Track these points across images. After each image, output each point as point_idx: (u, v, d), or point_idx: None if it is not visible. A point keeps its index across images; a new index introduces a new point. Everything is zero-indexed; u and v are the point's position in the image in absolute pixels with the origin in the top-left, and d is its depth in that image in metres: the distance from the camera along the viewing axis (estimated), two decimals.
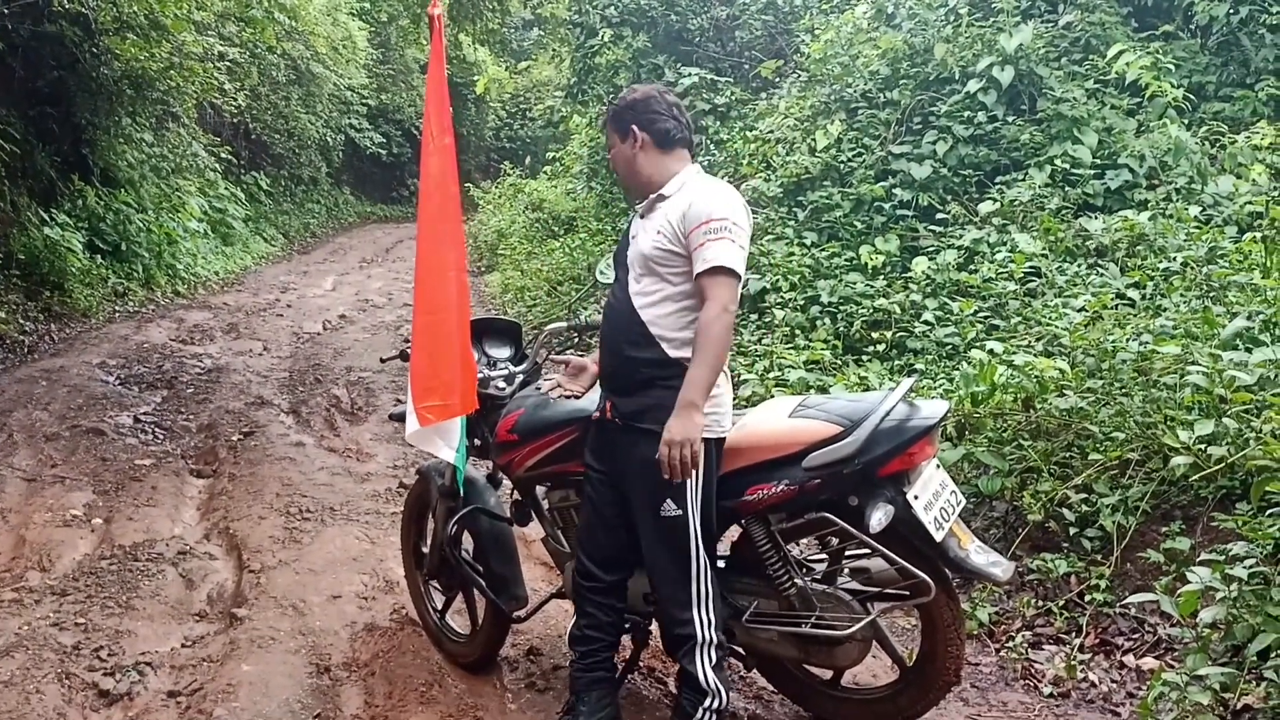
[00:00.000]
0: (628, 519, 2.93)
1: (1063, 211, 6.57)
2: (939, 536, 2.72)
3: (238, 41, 13.02)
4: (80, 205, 10.95)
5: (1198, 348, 4.11)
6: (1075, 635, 3.71)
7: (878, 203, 7.45)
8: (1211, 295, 4.87)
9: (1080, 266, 5.98)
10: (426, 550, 3.74)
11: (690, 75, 10.83)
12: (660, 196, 2.87)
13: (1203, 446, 3.62)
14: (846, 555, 2.97)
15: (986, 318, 5.83)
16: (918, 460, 2.75)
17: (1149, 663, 3.51)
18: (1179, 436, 3.67)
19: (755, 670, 3.29)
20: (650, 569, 2.92)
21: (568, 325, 3.67)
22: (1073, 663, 3.53)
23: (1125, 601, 3.63)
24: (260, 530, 4.81)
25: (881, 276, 6.80)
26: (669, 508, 2.78)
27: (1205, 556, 3.23)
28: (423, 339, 3.26)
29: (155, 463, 5.89)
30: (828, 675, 3.16)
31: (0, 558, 4.54)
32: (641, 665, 3.49)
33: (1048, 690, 3.48)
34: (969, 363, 5.14)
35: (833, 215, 7.54)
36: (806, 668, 3.15)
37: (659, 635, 3.08)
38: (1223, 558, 3.15)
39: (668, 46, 11.83)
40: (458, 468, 3.37)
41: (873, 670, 3.44)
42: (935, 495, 2.77)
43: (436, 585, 3.74)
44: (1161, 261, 5.53)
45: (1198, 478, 3.69)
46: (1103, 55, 7.42)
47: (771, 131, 8.99)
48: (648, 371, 2.80)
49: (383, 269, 15.38)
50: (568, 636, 3.16)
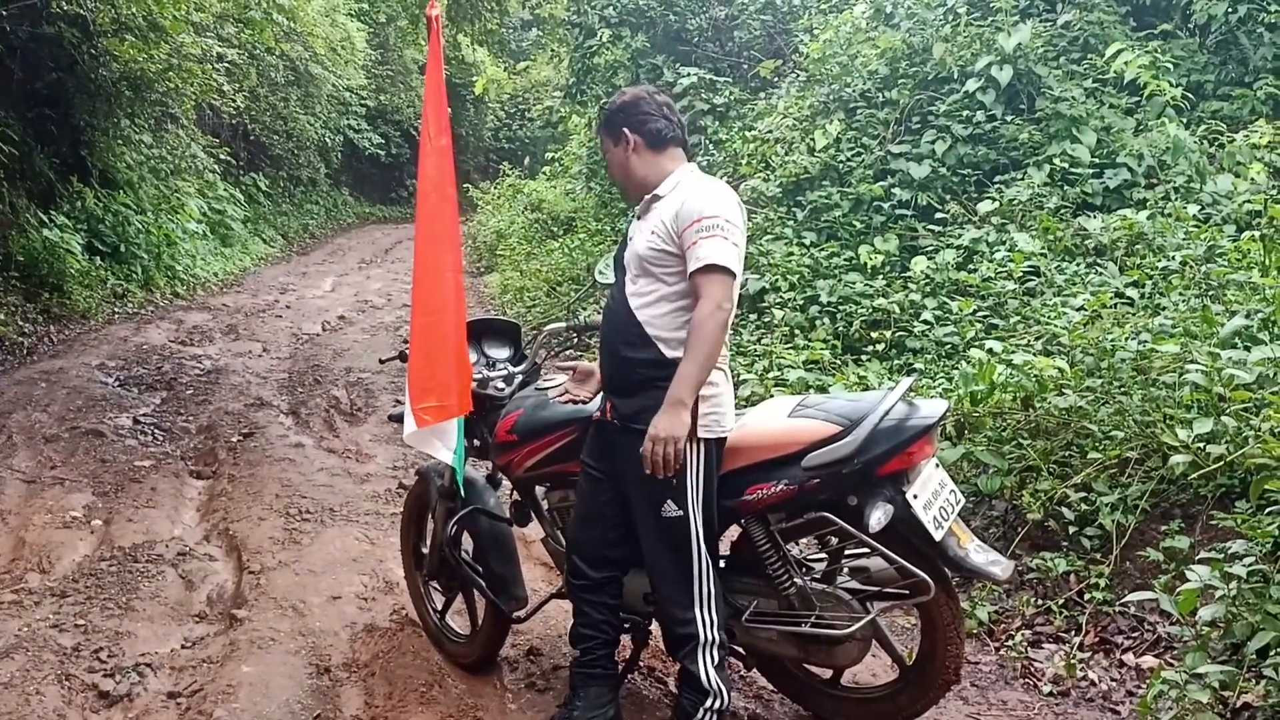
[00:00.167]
0: (620, 518, 2.94)
1: (1061, 211, 6.58)
2: (938, 535, 2.72)
3: (236, 43, 13.03)
4: (79, 207, 10.95)
5: (1196, 346, 4.11)
6: (1075, 634, 3.71)
7: (877, 202, 7.46)
8: (1210, 294, 4.87)
9: (1079, 265, 5.98)
10: (426, 551, 3.74)
11: (689, 75, 10.83)
12: (655, 197, 2.87)
13: (1202, 445, 3.62)
14: (846, 554, 2.97)
15: (985, 317, 5.83)
16: (917, 459, 2.75)
17: (1148, 661, 3.51)
18: (1178, 435, 3.67)
19: (755, 670, 3.29)
20: (651, 569, 2.92)
21: (567, 326, 3.67)
22: (1072, 661, 3.53)
23: (1125, 600, 3.63)
24: (260, 531, 4.81)
25: (880, 276, 6.80)
26: (670, 508, 2.78)
27: (1204, 555, 3.23)
28: (420, 340, 3.26)
29: (155, 464, 5.89)
30: (827, 674, 3.16)
31: (0, 559, 4.54)
32: (641, 665, 3.49)
33: (1047, 689, 3.48)
34: (968, 362, 5.14)
35: (832, 215, 7.54)
36: (806, 667, 3.15)
37: (659, 635, 3.08)
38: (1222, 556, 3.15)
39: (666, 47, 11.83)
40: (456, 469, 3.37)
41: (872, 669, 3.44)
42: (934, 494, 2.77)
43: (436, 586, 3.74)
44: (1160, 260, 5.54)
45: (1197, 476, 3.69)
46: (1101, 54, 7.43)
47: (770, 131, 9.00)
48: (645, 372, 2.80)
49: (382, 270, 15.37)
50: (569, 635, 3.17)
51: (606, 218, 12.02)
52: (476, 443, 3.54)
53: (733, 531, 3.06)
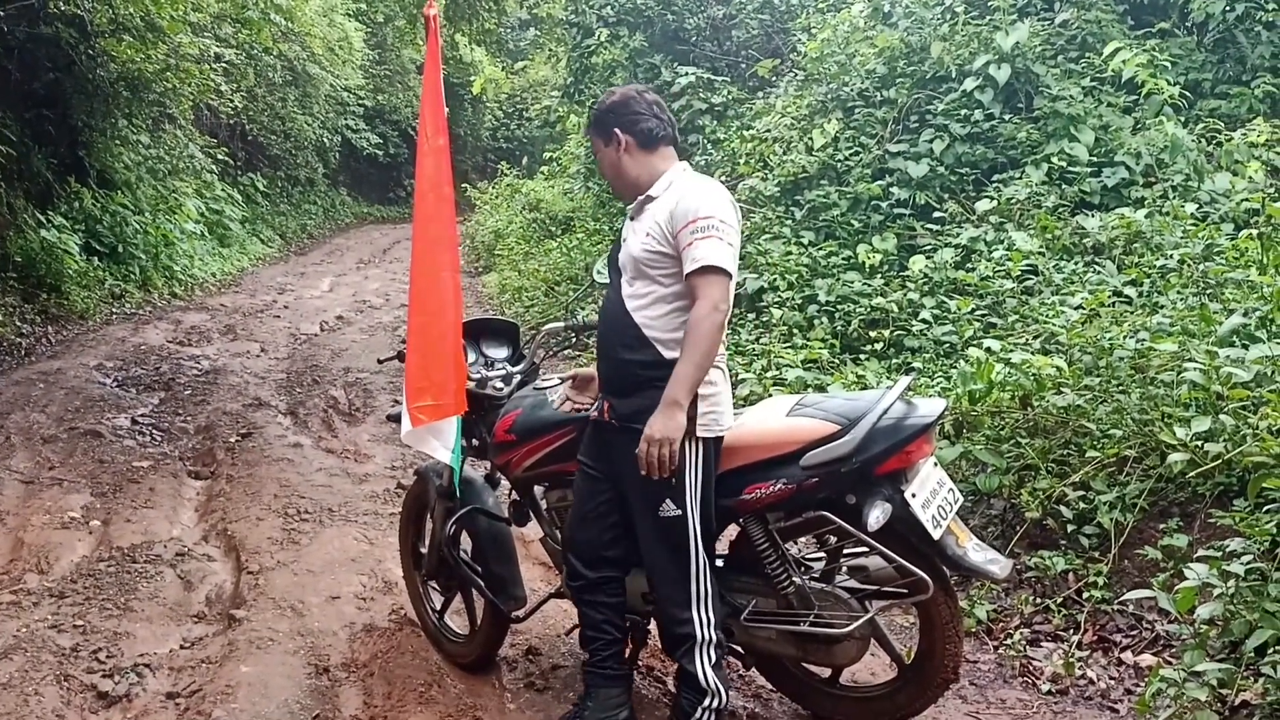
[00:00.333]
0: (617, 517, 2.94)
1: (1060, 209, 6.58)
2: (937, 534, 2.72)
3: (234, 43, 13.03)
4: (77, 207, 10.94)
5: (1195, 345, 4.12)
6: (1073, 632, 3.71)
7: (875, 201, 7.46)
8: (1208, 292, 4.88)
9: (1077, 264, 5.98)
10: (425, 551, 3.74)
11: (687, 75, 10.83)
12: (649, 198, 2.87)
13: (1200, 443, 3.62)
14: (844, 553, 2.97)
15: (984, 316, 5.84)
16: (915, 458, 2.75)
17: (1147, 659, 3.51)
18: (1176, 433, 3.68)
19: (754, 669, 3.29)
20: (649, 569, 2.92)
21: (565, 325, 3.67)
22: (1071, 660, 3.53)
23: (1123, 598, 3.63)
24: (258, 531, 4.81)
25: (879, 275, 6.80)
26: (668, 508, 2.78)
27: (1203, 553, 3.24)
28: (416, 340, 3.26)
29: (153, 464, 5.89)
30: (826, 673, 3.16)
31: None
32: (641, 665, 3.49)
33: (1046, 687, 3.48)
34: (966, 361, 5.14)
35: (830, 214, 7.55)
36: (805, 666, 3.15)
37: (658, 635, 3.08)
38: (1220, 554, 3.15)
39: (664, 46, 11.83)
40: (454, 468, 3.37)
41: (871, 668, 3.44)
42: (933, 493, 2.77)
43: (435, 586, 3.74)
44: (1158, 259, 5.54)
45: (1195, 474, 3.70)
46: (1099, 53, 7.43)
47: (768, 131, 8.99)
48: (643, 373, 2.80)
49: (380, 270, 15.37)
50: (578, 637, 3.18)
51: (605, 217, 12.01)
52: (475, 442, 3.55)
53: (731, 531, 3.06)
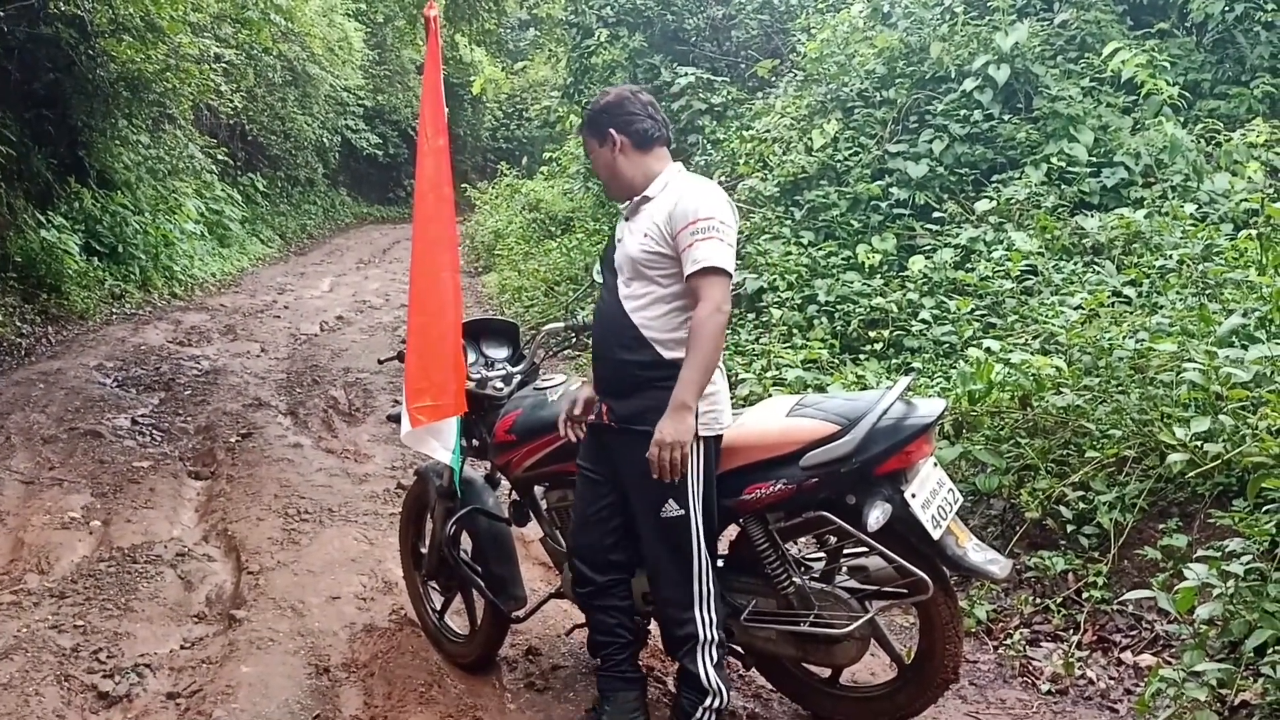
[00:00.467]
0: (620, 519, 2.93)
1: (1059, 210, 6.59)
2: (936, 534, 2.72)
3: (234, 43, 13.03)
4: (77, 207, 10.94)
5: (1194, 345, 4.12)
6: (1073, 632, 3.72)
7: (874, 201, 7.46)
8: (1207, 293, 4.88)
9: (1076, 264, 5.99)
10: (425, 551, 3.74)
11: (686, 75, 10.83)
12: (645, 198, 2.86)
13: (1199, 443, 3.62)
14: (844, 554, 2.97)
15: (983, 316, 5.84)
16: (915, 459, 2.75)
17: (1146, 659, 3.51)
18: (1175, 434, 3.68)
19: (754, 669, 3.29)
20: (652, 569, 2.92)
21: (565, 325, 3.67)
22: (1071, 660, 3.54)
23: (1123, 598, 3.63)
24: (259, 532, 4.81)
25: (878, 275, 6.80)
26: (671, 508, 2.78)
27: (1202, 553, 3.24)
28: (416, 340, 3.26)
29: (153, 465, 5.89)
30: (826, 673, 3.16)
31: None
32: (641, 665, 3.49)
33: (1046, 687, 3.48)
34: (966, 361, 5.14)
35: (829, 214, 7.55)
36: (805, 666, 3.16)
37: (659, 635, 3.08)
38: (1220, 554, 3.15)
39: (664, 46, 11.82)
40: (454, 468, 3.37)
41: (871, 668, 3.44)
42: (933, 493, 2.77)
43: (435, 586, 3.74)
44: (1158, 259, 5.54)
45: (1194, 474, 3.70)
46: (1098, 53, 7.44)
47: (768, 131, 8.99)
48: (642, 374, 2.80)
49: (380, 270, 15.37)
50: (586, 645, 3.17)
51: (604, 217, 12.01)
52: (475, 443, 3.55)
53: (731, 531, 3.06)
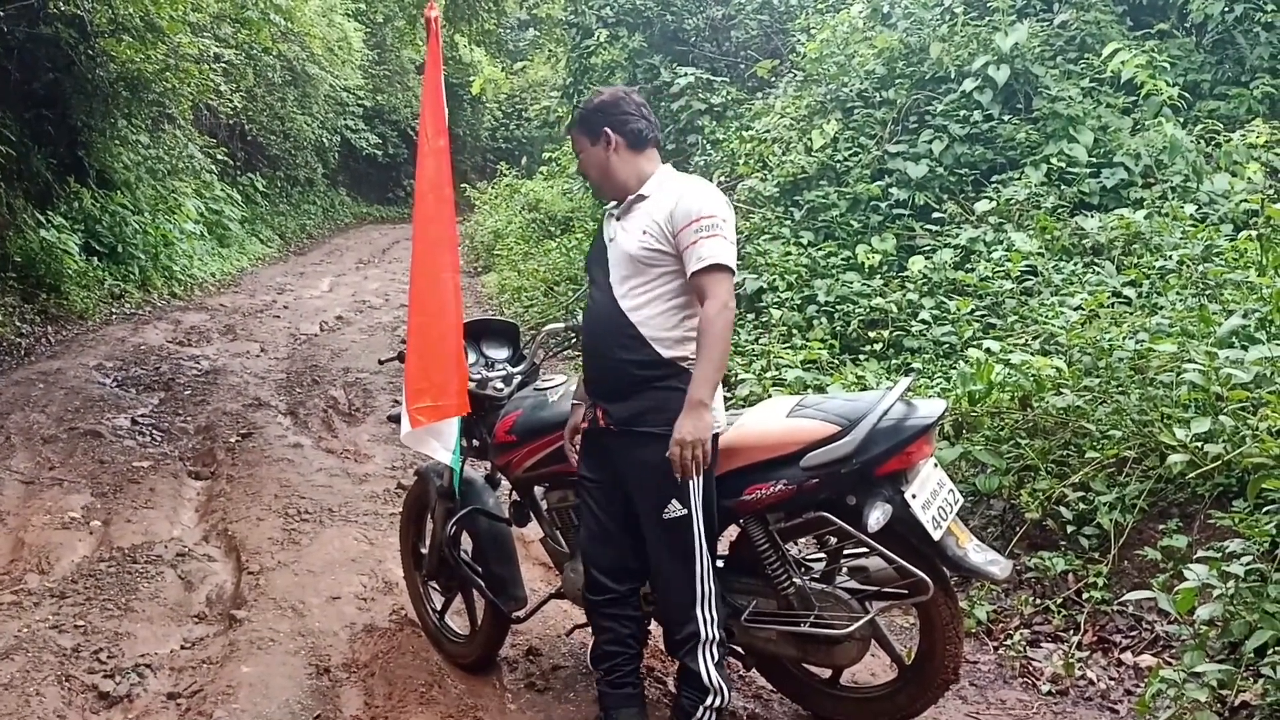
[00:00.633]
0: (631, 524, 2.91)
1: (1059, 210, 6.59)
2: (937, 535, 2.73)
3: (233, 43, 13.02)
4: (76, 207, 10.94)
5: (1194, 346, 4.12)
6: (1073, 633, 3.72)
7: (874, 202, 7.46)
8: (1207, 293, 4.88)
9: (1076, 265, 5.99)
10: (425, 551, 3.74)
11: (686, 75, 10.83)
12: (640, 197, 2.86)
13: (1199, 444, 3.63)
14: (845, 554, 2.97)
15: (983, 316, 5.84)
16: (915, 459, 2.75)
17: (1147, 660, 3.52)
18: (1176, 434, 3.68)
19: (754, 669, 3.29)
20: (655, 570, 2.92)
21: (565, 326, 3.67)
22: (1071, 660, 3.54)
23: (1123, 599, 3.63)
24: (259, 532, 4.81)
25: (878, 276, 6.80)
26: (674, 508, 2.77)
27: (1202, 554, 3.24)
28: (416, 340, 3.26)
29: (153, 465, 5.89)
30: (827, 674, 3.16)
31: None
32: (642, 676, 3.48)
33: (1046, 688, 3.48)
34: (966, 361, 5.15)
35: (829, 215, 7.55)
36: (805, 666, 3.16)
37: (661, 635, 3.08)
38: (1220, 555, 3.16)
39: (663, 46, 11.82)
40: (454, 469, 3.37)
41: (871, 669, 3.44)
42: (933, 494, 2.77)
43: (435, 586, 3.74)
44: (1157, 260, 5.54)
45: (1195, 475, 3.70)
46: (1098, 54, 7.44)
47: (768, 131, 9.00)
48: (639, 373, 2.79)
49: (379, 270, 15.36)
50: (589, 657, 3.12)
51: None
52: (475, 443, 3.55)
53: (731, 531, 3.06)
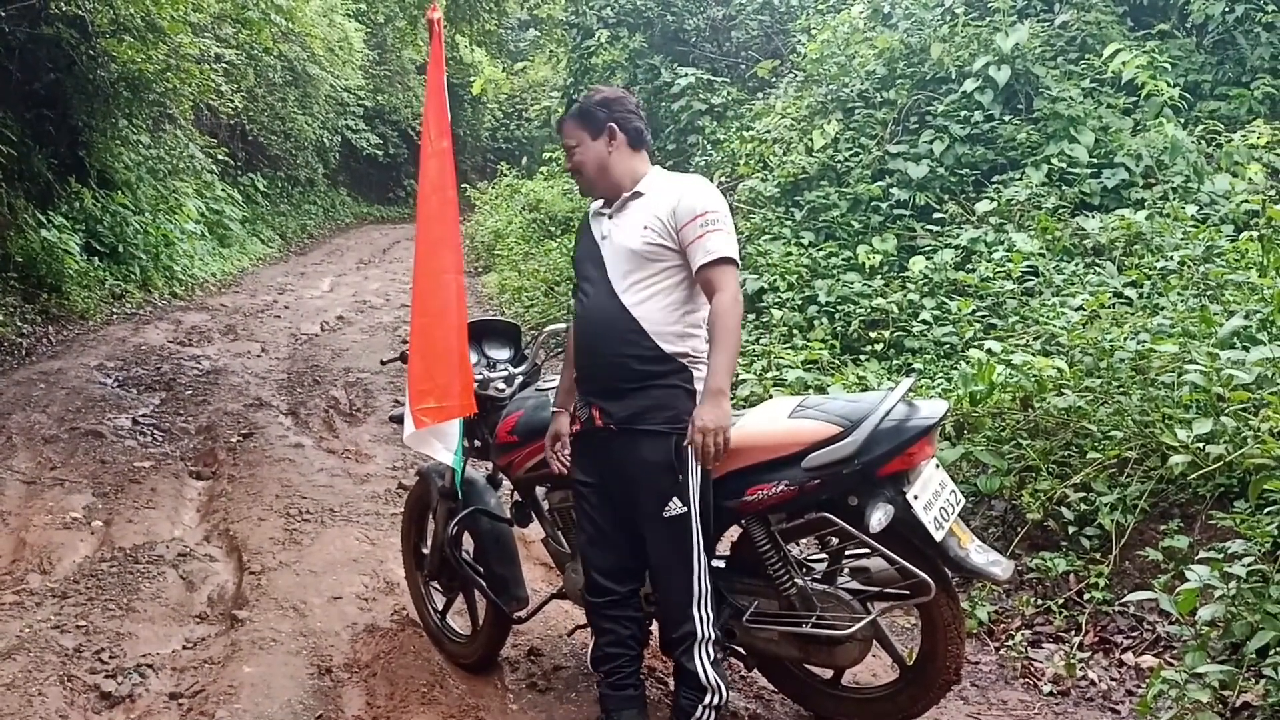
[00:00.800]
0: (630, 525, 2.91)
1: (1060, 210, 6.59)
2: (939, 536, 2.73)
3: (234, 43, 13.03)
4: (77, 207, 10.94)
5: (1195, 346, 4.12)
6: (1075, 633, 3.72)
7: (875, 202, 7.46)
8: (1209, 294, 4.88)
9: (1077, 265, 5.99)
10: (427, 551, 3.74)
11: (687, 75, 10.84)
12: (635, 194, 2.87)
13: (1201, 445, 3.63)
14: (846, 555, 2.97)
15: (984, 317, 5.84)
16: (917, 460, 2.75)
17: (1148, 660, 3.52)
18: (1177, 435, 3.68)
19: (756, 670, 3.30)
20: (654, 569, 2.92)
21: (566, 326, 3.67)
22: (1072, 661, 3.54)
23: (1124, 600, 3.64)
24: (260, 532, 4.81)
25: (879, 276, 6.81)
26: (674, 506, 2.78)
27: (1204, 554, 3.24)
28: (419, 341, 3.26)
29: (154, 465, 5.89)
30: (828, 674, 3.16)
31: (0, 560, 4.54)
32: (642, 678, 3.48)
33: (1047, 688, 3.48)
34: (967, 362, 5.15)
35: (830, 215, 7.55)
36: (807, 667, 3.16)
37: (658, 634, 3.08)
38: (1221, 556, 3.16)
39: (664, 47, 11.84)
40: (456, 469, 3.37)
41: (873, 669, 3.45)
42: (935, 495, 2.77)
43: (437, 586, 3.74)
44: (1159, 260, 5.55)
45: (1196, 476, 3.70)
46: (1099, 54, 7.45)
47: (768, 131, 9.00)
48: (643, 369, 2.79)
49: (380, 270, 15.36)
50: (589, 659, 3.12)
51: None
52: (477, 443, 3.55)
53: (733, 532, 3.06)
